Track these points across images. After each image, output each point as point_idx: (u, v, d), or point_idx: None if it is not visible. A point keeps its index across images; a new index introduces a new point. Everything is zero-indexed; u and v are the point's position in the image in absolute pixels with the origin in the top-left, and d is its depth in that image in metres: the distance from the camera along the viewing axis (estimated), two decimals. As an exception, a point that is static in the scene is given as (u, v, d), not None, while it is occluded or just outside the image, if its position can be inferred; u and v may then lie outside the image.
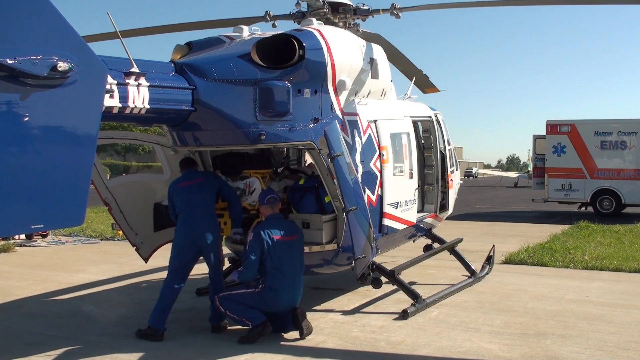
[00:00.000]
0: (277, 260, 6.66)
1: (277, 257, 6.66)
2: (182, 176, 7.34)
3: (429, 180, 9.96)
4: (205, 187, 7.15)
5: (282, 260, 6.70)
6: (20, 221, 4.58)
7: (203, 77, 6.34)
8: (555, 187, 22.78)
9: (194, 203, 7.01)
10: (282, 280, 6.68)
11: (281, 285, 6.69)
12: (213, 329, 7.08)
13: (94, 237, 16.28)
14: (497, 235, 16.36)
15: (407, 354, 6.39)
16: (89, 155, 4.90)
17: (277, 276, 6.67)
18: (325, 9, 8.19)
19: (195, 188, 7.10)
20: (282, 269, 6.69)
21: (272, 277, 6.68)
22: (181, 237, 7.03)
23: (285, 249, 6.73)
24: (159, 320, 6.84)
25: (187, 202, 7.03)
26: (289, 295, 6.76)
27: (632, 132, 21.87)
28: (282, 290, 6.70)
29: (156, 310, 6.88)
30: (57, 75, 4.44)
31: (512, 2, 9.68)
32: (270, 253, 6.64)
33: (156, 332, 6.78)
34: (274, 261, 6.66)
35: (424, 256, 9.76)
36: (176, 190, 7.16)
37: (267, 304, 6.71)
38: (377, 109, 8.14)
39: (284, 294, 6.72)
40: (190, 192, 7.07)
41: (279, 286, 6.68)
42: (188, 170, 7.36)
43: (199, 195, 7.06)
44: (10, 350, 6.60)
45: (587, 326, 7.34)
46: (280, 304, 6.75)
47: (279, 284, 6.68)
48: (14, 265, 12.11)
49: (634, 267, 11.13)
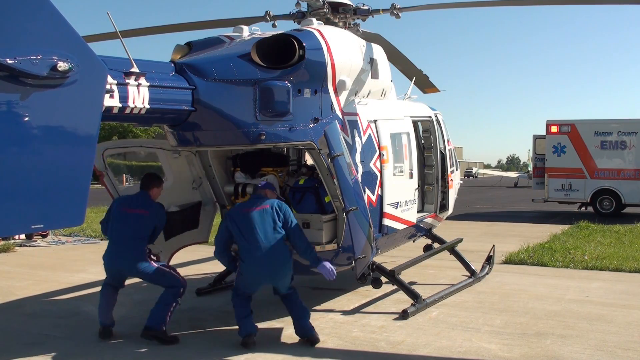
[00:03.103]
0: (242, 231, 6.59)
1: (239, 228, 6.60)
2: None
3: (429, 180, 9.96)
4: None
5: (243, 230, 6.59)
6: (20, 221, 4.58)
7: (203, 77, 6.34)
8: (555, 187, 22.78)
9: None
10: (247, 250, 6.56)
11: (247, 256, 6.57)
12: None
13: (94, 237, 16.27)
14: (497, 235, 16.36)
15: (407, 354, 6.39)
16: (89, 155, 4.90)
17: (243, 247, 6.59)
18: (325, 9, 8.20)
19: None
20: (247, 239, 6.56)
21: (241, 249, 6.64)
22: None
23: (245, 219, 6.60)
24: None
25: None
26: (257, 266, 6.56)
27: (632, 132, 21.87)
28: (249, 261, 6.57)
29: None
30: (57, 75, 4.44)
31: (512, 2, 9.68)
32: (237, 225, 6.61)
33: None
34: (241, 232, 6.59)
35: (424, 256, 9.76)
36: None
37: (244, 281, 6.66)
38: (377, 109, 8.14)
39: (251, 265, 6.57)
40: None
41: (246, 256, 6.58)
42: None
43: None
44: (10, 350, 6.60)
45: (587, 326, 7.34)
46: (251, 276, 6.64)
47: (246, 255, 6.57)
48: (14, 265, 12.11)
49: (634, 267, 11.13)
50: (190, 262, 11.48)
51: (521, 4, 11.57)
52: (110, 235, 6.96)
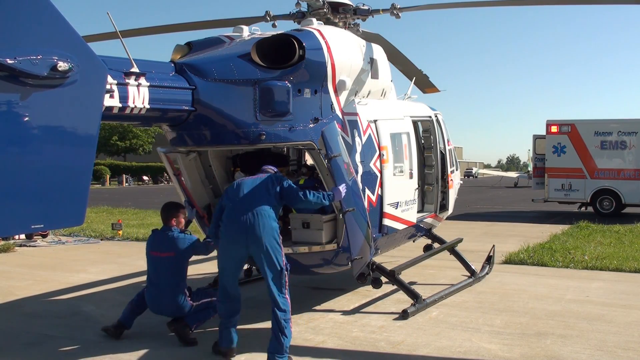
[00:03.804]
0: (231, 196, 6.37)
1: (229, 195, 6.40)
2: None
3: (429, 180, 9.96)
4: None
5: (232, 195, 6.35)
6: (20, 221, 4.58)
7: (203, 77, 6.34)
8: (555, 187, 22.79)
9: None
10: (229, 211, 6.28)
11: (228, 217, 6.26)
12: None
13: (94, 237, 16.28)
14: (497, 235, 16.36)
15: (407, 354, 6.39)
16: (89, 155, 4.90)
17: (227, 210, 6.33)
18: (325, 9, 8.20)
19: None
20: (232, 199, 6.32)
21: (225, 214, 6.34)
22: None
23: (237, 186, 6.40)
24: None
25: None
26: (235, 224, 6.17)
27: (632, 132, 21.88)
28: (228, 220, 6.25)
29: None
30: (57, 75, 4.44)
31: (512, 2, 9.69)
32: (227, 194, 6.44)
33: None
34: (229, 198, 6.38)
35: (424, 256, 9.76)
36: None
37: (222, 250, 6.38)
38: (377, 109, 8.14)
39: (229, 225, 6.22)
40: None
41: (226, 218, 6.28)
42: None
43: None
44: (10, 350, 6.60)
45: (587, 326, 7.34)
46: (227, 238, 6.25)
47: (226, 216, 6.29)
48: (14, 265, 12.10)
49: (634, 267, 11.13)
50: (190, 262, 11.44)
51: (521, 4, 11.57)
52: (148, 277, 7.05)
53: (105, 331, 6.98)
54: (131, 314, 7.06)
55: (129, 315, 7.05)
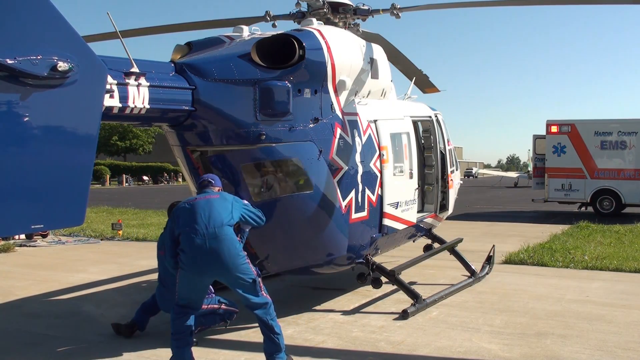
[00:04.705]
0: (185, 221, 5.92)
1: (180, 219, 5.95)
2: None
3: (429, 180, 9.96)
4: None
5: (186, 219, 5.90)
6: (20, 221, 4.59)
7: (203, 77, 6.34)
8: (555, 187, 22.79)
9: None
10: (187, 237, 5.84)
11: (187, 244, 5.82)
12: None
13: (94, 237, 16.28)
14: (497, 235, 16.36)
15: (407, 354, 6.39)
16: (89, 155, 4.91)
17: (184, 236, 5.87)
18: (325, 9, 8.20)
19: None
20: (189, 224, 5.84)
21: (182, 240, 5.91)
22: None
23: (189, 208, 5.95)
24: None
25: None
26: (198, 252, 5.78)
27: (632, 132, 21.87)
28: (188, 248, 5.81)
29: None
30: (57, 75, 4.45)
31: (512, 2, 9.68)
32: (178, 217, 6.02)
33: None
34: (184, 223, 5.93)
35: (424, 256, 9.76)
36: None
37: (184, 278, 5.99)
38: (377, 109, 8.14)
39: (191, 252, 5.80)
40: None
41: (185, 245, 5.84)
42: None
43: None
44: (10, 350, 6.60)
45: (587, 326, 7.34)
46: (190, 267, 5.84)
47: (186, 243, 5.84)
48: (14, 265, 12.10)
49: (634, 267, 11.13)
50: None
51: (521, 4, 11.57)
52: (158, 276, 7.04)
53: (116, 328, 6.97)
54: (144, 314, 7.04)
55: (142, 315, 7.04)
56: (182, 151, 6.99)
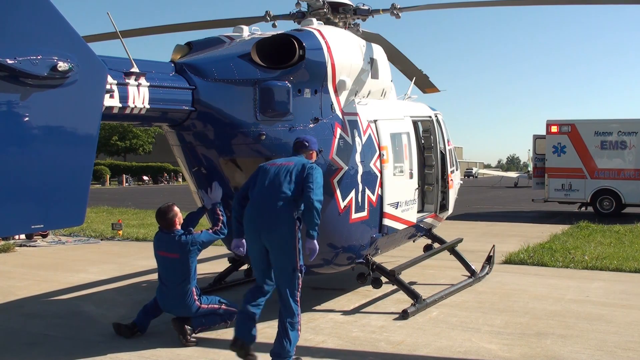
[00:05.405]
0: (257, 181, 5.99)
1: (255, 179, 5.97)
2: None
3: (429, 180, 9.96)
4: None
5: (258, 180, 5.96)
6: (20, 221, 4.58)
7: (203, 77, 6.35)
8: (555, 187, 22.79)
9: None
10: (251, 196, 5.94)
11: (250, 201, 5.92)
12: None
13: (94, 237, 16.27)
14: (497, 235, 16.36)
15: (407, 354, 6.39)
16: (89, 155, 4.91)
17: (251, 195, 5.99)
18: (325, 9, 8.20)
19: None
20: (256, 184, 5.94)
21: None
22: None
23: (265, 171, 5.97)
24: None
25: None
26: (252, 208, 5.84)
27: (632, 132, 21.88)
28: (249, 205, 5.91)
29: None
30: (57, 75, 4.45)
31: (512, 2, 9.68)
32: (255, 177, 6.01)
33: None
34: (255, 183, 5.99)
35: (424, 256, 9.76)
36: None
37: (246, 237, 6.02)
38: (377, 109, 8.14)
39: (248, 208, 5.89)
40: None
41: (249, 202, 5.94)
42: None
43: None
44: (10, 350, 6.59)
45: (587, 326, 7.34)
46: (246, 223, 5.90)
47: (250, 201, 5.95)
48: (14, 265, 12.10)
49: (634, 267, 11.13)
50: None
51: (521, 4, 11.57)
52: (158, 276, 7.03)
53: (117, 328, 6.96)
54: (145, 317, 7.02)
55: (144, 317, 7.03)
56: (182, 151, 7.00)
